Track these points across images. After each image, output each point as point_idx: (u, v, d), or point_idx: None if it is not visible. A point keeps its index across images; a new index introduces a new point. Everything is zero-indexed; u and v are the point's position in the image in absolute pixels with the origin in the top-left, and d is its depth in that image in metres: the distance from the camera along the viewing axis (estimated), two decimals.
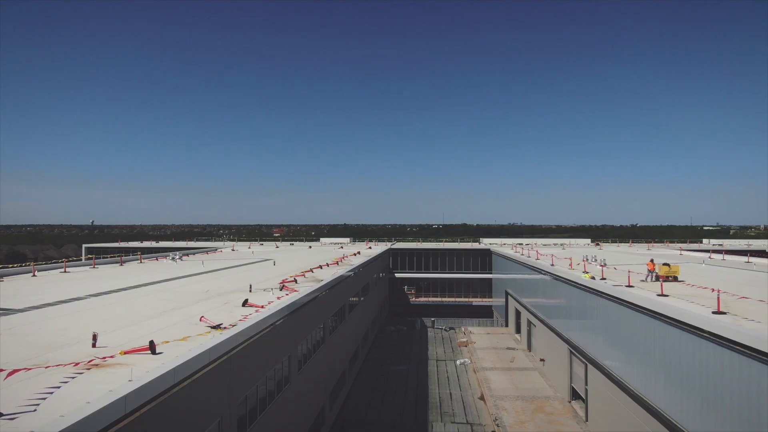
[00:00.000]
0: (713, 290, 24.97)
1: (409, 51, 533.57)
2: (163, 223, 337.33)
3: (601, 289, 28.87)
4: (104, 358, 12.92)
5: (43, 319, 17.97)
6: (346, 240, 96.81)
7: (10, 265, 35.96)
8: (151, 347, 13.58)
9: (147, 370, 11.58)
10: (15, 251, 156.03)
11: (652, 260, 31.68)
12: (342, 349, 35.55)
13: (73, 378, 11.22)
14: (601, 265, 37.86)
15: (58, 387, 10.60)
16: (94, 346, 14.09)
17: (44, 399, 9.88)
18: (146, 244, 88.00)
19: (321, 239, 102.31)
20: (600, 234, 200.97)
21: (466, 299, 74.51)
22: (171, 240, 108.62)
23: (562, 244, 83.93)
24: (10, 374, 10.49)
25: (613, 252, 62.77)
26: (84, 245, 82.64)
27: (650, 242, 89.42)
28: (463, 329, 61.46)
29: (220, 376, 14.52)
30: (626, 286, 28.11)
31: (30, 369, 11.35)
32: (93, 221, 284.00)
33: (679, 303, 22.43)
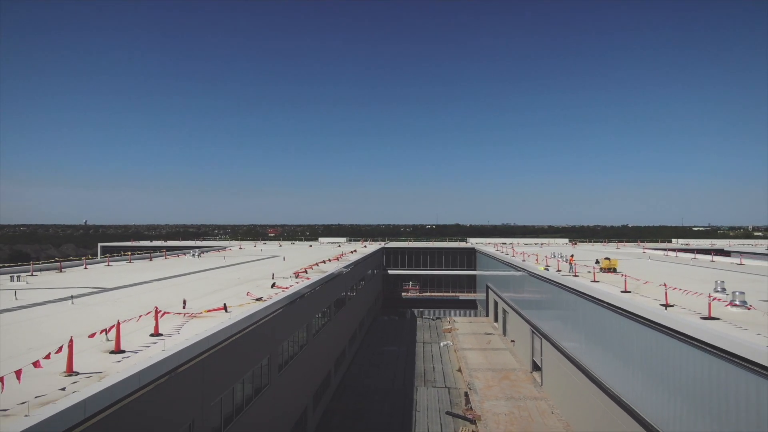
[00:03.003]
0: (631, 278, 32.22)
1: (403, 50, 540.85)
2: (155, 222, 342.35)
3: (550, 278, 36.11)
4: (196, 314, 19.84)
5: (132, 294, 24.88)
6: (343, 239, 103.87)
7: (68, 258, 42.62)
8: (225, 308, 20.55)
9: (229, 317, 18.54)
10: (16, 251, 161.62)
11: (572, 255, 39.17)
12: (343, 329, 42.61)
13: (186, 322, 18.18)
14: (558, 260, 45.11)
15: (182, 325, 17.57)
16: (184, 307, 21.02)
17: (179, 330, 16.84)
18: (156, 243, 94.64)
19: (319, 239, 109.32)
20: (591, 234, 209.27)
21: (453, 294, 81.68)
22: (178, 239, 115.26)
23: (541, 244, 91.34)
24: (163, 314, 17.41)
25: (584, 251, 70.13)
26: (100, 244, 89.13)
27: (622, 242, 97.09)
28: (448, 318, 68.68)
29: (268, 328, 21.52)
30: (573, 276, 35.31)
31: (168, 312, 18.26)
32: (86, 221, 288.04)
33: (602, 287, 29.59)
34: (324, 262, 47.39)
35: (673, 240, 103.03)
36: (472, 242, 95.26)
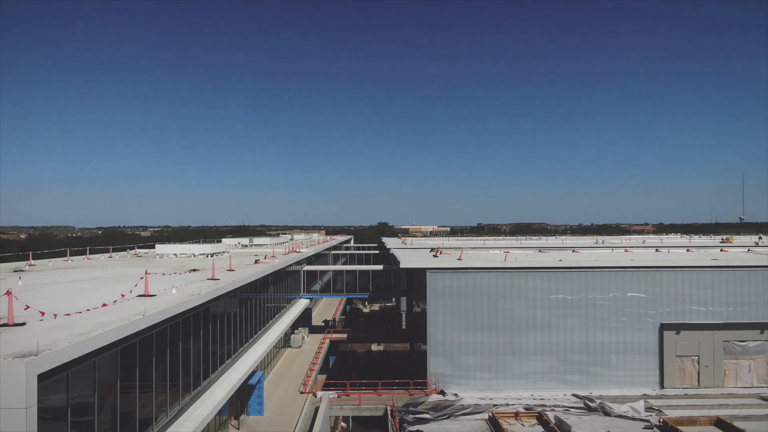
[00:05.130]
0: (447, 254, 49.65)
1: (396, 49, 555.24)
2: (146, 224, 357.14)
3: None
4: (261, 261, 37.13)
5: (188, 261, 42.22)
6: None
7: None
8: (256, 262, 37.98)
9: (258, 268, 35.96)
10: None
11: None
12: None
13: (232, 270, 35.57)
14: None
15: (233, 270, 34.95)
16: (230, 267, 38.39)
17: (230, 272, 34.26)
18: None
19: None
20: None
21: None
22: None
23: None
24: (214, 270, 34.77)
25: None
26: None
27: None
28: None
29: (272, 279, 38.98)
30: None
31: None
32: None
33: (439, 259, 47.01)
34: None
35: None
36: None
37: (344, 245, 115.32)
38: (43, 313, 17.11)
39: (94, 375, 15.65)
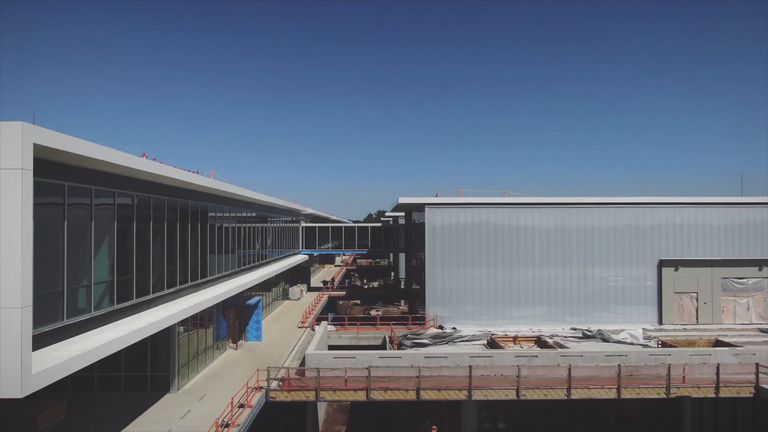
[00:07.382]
0: None
1: (393, 49, 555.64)
2: None
3: None
4: None
5: None
6: None
7: None
8: None
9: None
10: None
11: None
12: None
13: None
14: None
15: None
16: None
17: None
18: None
19: None
20: None
21: None
22: None
23: None
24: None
25: None
26: None
27: None
28: None
29: (271, 229, 38.90)
30: None
31: None
32: None
33: None
34: None
35: None
36: None
37: (343, 223, 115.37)
38: None
39: (90, 204, 15.64)
